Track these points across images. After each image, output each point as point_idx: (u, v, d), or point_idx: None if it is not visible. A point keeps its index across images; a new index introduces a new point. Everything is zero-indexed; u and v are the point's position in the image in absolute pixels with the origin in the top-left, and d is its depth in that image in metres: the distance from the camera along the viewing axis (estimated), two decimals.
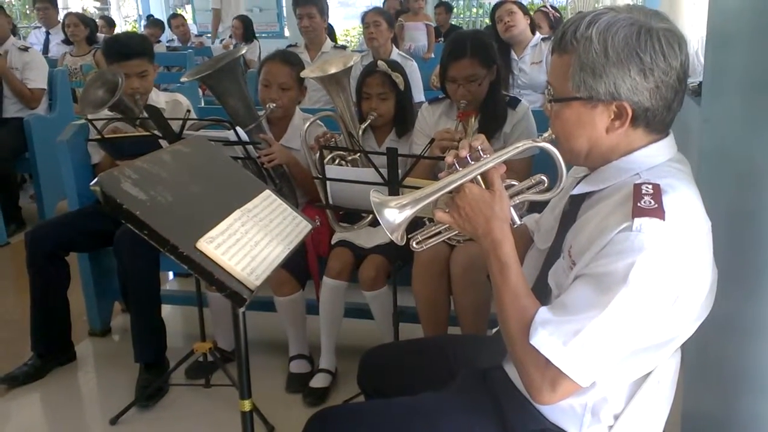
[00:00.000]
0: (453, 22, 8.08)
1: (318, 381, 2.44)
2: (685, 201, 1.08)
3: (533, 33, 3.78)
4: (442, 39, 6.48)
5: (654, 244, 1.03)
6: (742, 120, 1.42)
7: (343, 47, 4.42)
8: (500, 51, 3.65)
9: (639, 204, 1.04)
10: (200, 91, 4.83)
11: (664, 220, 1.03)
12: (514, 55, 3.71)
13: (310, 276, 2.49)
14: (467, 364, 1.44)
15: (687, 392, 1.70)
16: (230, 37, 7.52)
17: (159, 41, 7.46)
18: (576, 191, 1.22)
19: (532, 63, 3.68)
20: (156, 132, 2.22)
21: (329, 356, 2.48)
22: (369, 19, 4.02)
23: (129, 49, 2.60)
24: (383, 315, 2.37)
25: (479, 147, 1.19)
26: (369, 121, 2.48)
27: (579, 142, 1.16)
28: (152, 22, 8.25)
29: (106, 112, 2.51)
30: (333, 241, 2.48)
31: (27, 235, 2.56)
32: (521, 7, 3.72)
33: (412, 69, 3.81)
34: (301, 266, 2.44)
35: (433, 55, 5.92)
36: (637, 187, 1.07)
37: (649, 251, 1.03)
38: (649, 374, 1.17)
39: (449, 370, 1.47)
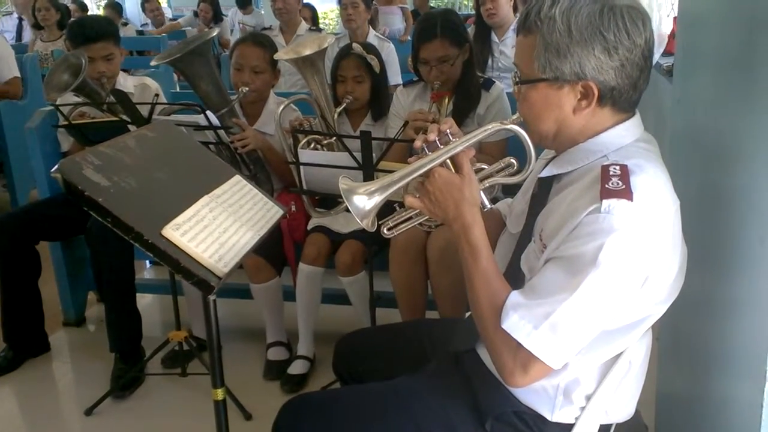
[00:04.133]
0: (432, 5, 8.02)
1: (296, 368, 2.43)
2: (652, 181, 1.08)
3: (516, 13, 3.74)
4: None
5: (623, 225, 1.02)
6: (713, 100, 1.42)
7: (319, 30, 4.37)
8: (481, 33, 3.65)
9: (607, 185, 1.04)
10: (175, 75, 4.75)
11: (632, 200, 1.02)
12: (494, 37, 3.68)
13: (287, 262, 2.47)
14: (442, 348, 1.43)
15: (661, 373, 1.71)
16: (195, 15, 7.42)
17: (126, 24, 7.30)
18: (543, 174, 1.22)
19: (513, 46, 3.64)
20: (125, 117, 2.17)
21: (307, 343, 2.47)
22: (347, 0, 3.97)
23: (93, 32, 2.54)
24: (360, 300, 2.36)
25: (448, 131, 1.18)
26: (344, 104, 2.45)
27: (547, 124, 1.15)
28: (109, 4, 7.90)
29: (74, 98, 2.46)
30: (309, 227, 2.46)
31: None
32: None
33: (389, 51, 3.78)
34: (277, 253, 2.42)
35: (409, 38, 5.86)
36: (605, 169, 1.07)
37: (619, 232, 1.02)
38: (620, 355, 1.17)
39: (424, 354, 1.47)
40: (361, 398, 1.33)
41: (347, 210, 2.33)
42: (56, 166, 1.19)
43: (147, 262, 3.49)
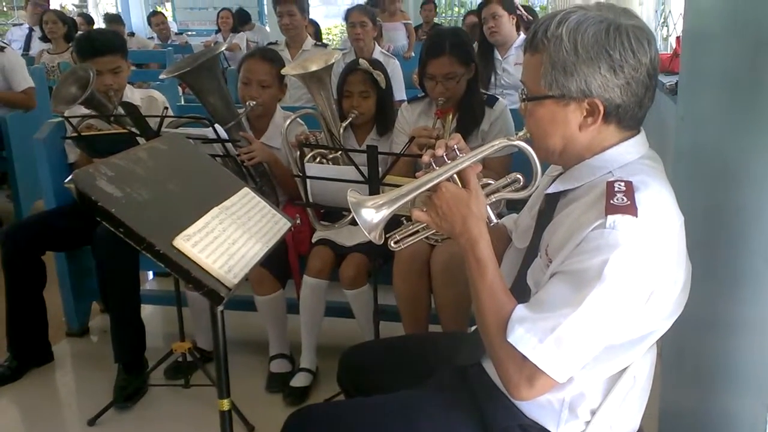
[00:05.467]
0: (435, 21, 8.09)
1: (298, 380, 2.43)
2: (657, 197, 1.09)
3: (519, 32, 3.77)
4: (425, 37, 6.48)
5: (627, 240, 1.04)
6: (717, 118, 1.44)
7: (324, 45, 4.40)
8: (484, 50, 3.67)
9: (612, 201, 1.06)
10: (180, 89, 4.80)
11: (636, 216, 1.04)
12: (497, 54, 3.72)
13: (291, 275, 2.48)
14: (446, 362, 1.44)
15: (664, 388, 1.72)
16: (217, 32, 7.53)
17: (132, 34, 7.37)
18: (550, 190, 1.24)
19: (516, 63, 3.68)
20: (133, 129, 2.20)
21: (310, 355, 2.47)
22: (355, 18, 3.97)
23: (101, 45, 2.57)
24: (364, 313, 2.37)
25: (455, 146, 1.20)
26: (350, 119, 2.48)
27: (553, 141, 1.17)
28: (112, 18, 7.71)
29: (82, 110, 2.48)
30: (314, 240, 2.48)
31: (1, 234, 2.53)
32: (507, 6, 3.69)
33: (395, 67, 3.80)
34: (281, 265, 2.42)
35: (413, 54, 5.91)
36: (610, 185, 1.09)
37: (623, 248, 1.04)
38: (625, 370, 1.18)
39: (429, 368, 1.48)
40: (366, 411, 1.34)
41: (352, 223, 2.39)
42: (70, 177, 1.21)
43: (150, 273, 3.50)
